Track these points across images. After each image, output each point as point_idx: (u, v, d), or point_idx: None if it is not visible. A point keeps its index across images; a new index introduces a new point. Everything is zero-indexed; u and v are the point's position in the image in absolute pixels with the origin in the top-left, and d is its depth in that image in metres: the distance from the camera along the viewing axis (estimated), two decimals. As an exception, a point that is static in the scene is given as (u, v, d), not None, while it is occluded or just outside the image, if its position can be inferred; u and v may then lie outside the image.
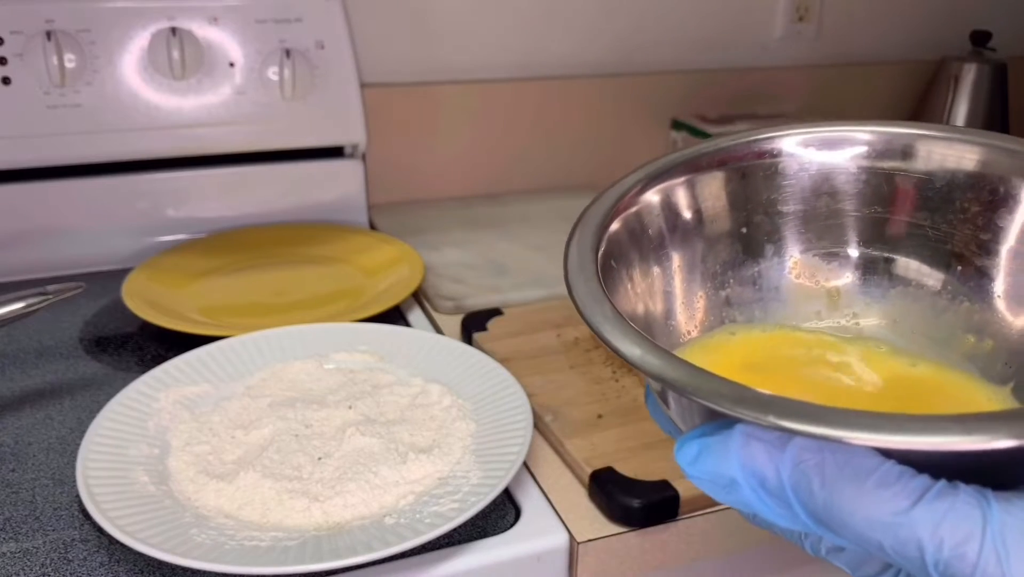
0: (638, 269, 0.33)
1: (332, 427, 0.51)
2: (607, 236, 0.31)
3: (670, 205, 0.35)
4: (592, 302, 0.27)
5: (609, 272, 0.30)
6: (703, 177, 0.35)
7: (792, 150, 0.36)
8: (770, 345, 0.35)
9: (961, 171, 0.34)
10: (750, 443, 0.23)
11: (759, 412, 0.21)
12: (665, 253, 0.35)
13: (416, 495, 0.45)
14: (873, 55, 1.15)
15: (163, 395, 0.53)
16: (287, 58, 0.80)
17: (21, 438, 0.53)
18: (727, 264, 0.36)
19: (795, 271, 0.37)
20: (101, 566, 0.43)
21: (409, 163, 0.95)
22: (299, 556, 0.40)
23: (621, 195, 0.33)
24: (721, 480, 0.24)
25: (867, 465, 0.22)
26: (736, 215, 0.36)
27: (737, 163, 0.36)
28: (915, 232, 0.35)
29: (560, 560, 0.46)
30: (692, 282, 0.35)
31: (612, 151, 1.04)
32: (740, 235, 0.36)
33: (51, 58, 0.73)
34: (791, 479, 0.23)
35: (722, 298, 0.36)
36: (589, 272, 0.29)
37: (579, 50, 1.00)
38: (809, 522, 0.23)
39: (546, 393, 0.56)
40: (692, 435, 0.25)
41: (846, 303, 0.36)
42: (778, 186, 0.36)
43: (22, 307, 0.53)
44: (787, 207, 0.36)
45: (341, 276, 0.76)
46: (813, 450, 0.22)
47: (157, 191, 0.81)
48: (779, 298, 0.36)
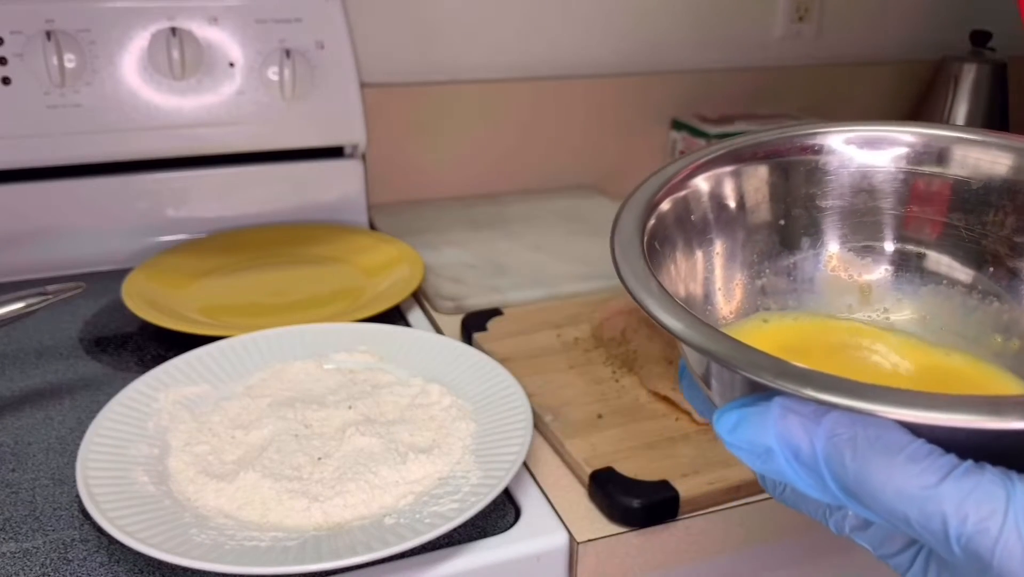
0: (681, 251, 0.34)
1: (332, 427, 0.51)
2: (654, 216, 0.32)
3: (717, 193, 0.36)
4: (638, 278, 0.28)
5: (653, 252, 0.31)
6: (748, 168, 0.36)
7: (835, 147, 0.37)
8: (804, 331, 0.36)
9: (996, 175, 0.34)
10: (787, 415, 0.24)
11: (798, 385, 0.22)
12: (708, 239, 0.35)
13: (416, 495, 0.45)
14: (873, 55, 1.15)
15: (163, 395, 0.53)
16: (287, 58, 0.80)
17: (21, 438, 0.53)
18: (764, 254, 0.37)
19: (830, 264, 0.38)
20: (101, 566, 0.43)
21: (409, 163, 0.95)
22: (299, 556, 0.40)
23: (669, 178, 0.34)
24: (757, 449, 0.25)
25: (898, 441, 0.23)
26: (776, 207, 0.37)
27: (781, 157, 0.37)
28: (949, 232, 0.36)
29: (560, 560, 0.46)
30: (731, 269, 0.36)
31: (612, 151, 1.04)
32: (778, 227, 0.37)
33: (51, 58, 0.73)
34: (824, 451, 0.23)
35: (758, 287, 0.37)
36: (636, 251, 0.30)
37: (579, 50, 1.00)
38: (839, 493, 0.24)
39: (546, 393, 0.56)
40: (731, 405, 0.26)
41: (878, 298, 0.37)
42: (818, 181, 0.37)
43: (22, 307, 0.53)
44: (825, 202, 0.37)
45: (341, 276, 0.76)
46: (847, 424, 0.23)
47: (157, 191, 0.81)
48: (813, 290, 0.37)
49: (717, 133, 0.97)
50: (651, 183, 0.34)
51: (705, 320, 0.35)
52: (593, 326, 0.64)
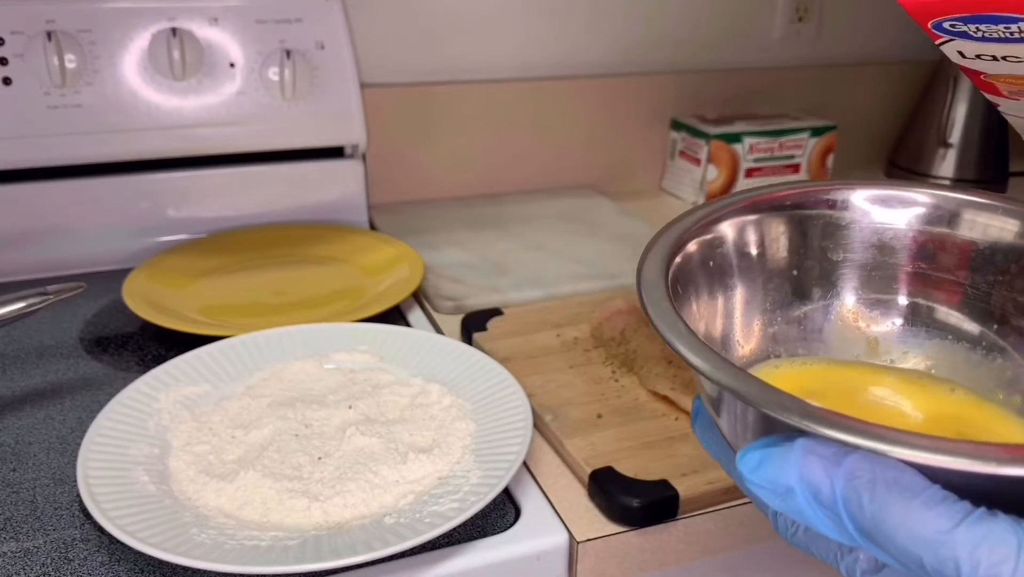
0: (703, 293, 0.36)
1: (332, 427, 0.51)
2: (679, 257, 0.34)
3: (738, 239, 0.37)
4: (666, 320, 0.29)
5: (676, 293, 0.32)
6: (767, 217, 0.38)
7: (852, 203, 0.38)
8: (814, 375, 0.37)
9: (1003, 239, 0.36)
10: (809, 456, 0.25)
11: (823, 426, 0.23)
12: (730, 283, 0.37)
13: (416, 495, 0.45)
14: (873, 55, 1.15)
15: (163, 395, 0.53)
16: (287, 58, 0.80)
17: (21, 438, 0.53)
18: (776, 303, 0.39)
19: (840, 315, 0.39)
20: (101, 566, 0.43)
21: (409, 163, 0.95)
22: (299, 556, 0.40)
23: (694, 223, 0.35)
24: (779, 488, 0.26)
25: (915, 485, 0.23)
26: (791, 258, 0.38)
27: (799, 209, 0.38)
28: (956, 289, 0.37)
29: (560, 560, 0.46)
30: (750, 313, 0.38)
31: (612, 151, 1.04)
32: (791, 276, 0.39)
33: (52, 58, 0.73)
34: (844, 492, 0.24)
35: (769, 334, 0.38)
36: (661, 291, 0.31)
37: (579, 50, 1.00)
38: (856, 534, 0.24)
39: (546, 393, 0.56)
40: (755, 445, 0.27)
41: (885, 349, 0.38)
42: (832, 235, 0.38)
43: (22, 307, 0.53)
44: (838, 256, 0.39)
45: (341, 276, 0.76)
46: (866, 467, 0.24)
47: (157, 191, 0.81)
48: (821, 339, 0.39)
49: (717, 133, 0.97)
50: (676, 227, 0.35)
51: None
52: (593, 326, 0.64)
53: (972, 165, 1.07)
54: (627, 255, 0.81)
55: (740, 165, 1.00)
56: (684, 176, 1.03)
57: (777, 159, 1.01)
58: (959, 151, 1.07)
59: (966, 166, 1.07)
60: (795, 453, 0.25)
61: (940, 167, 1.09)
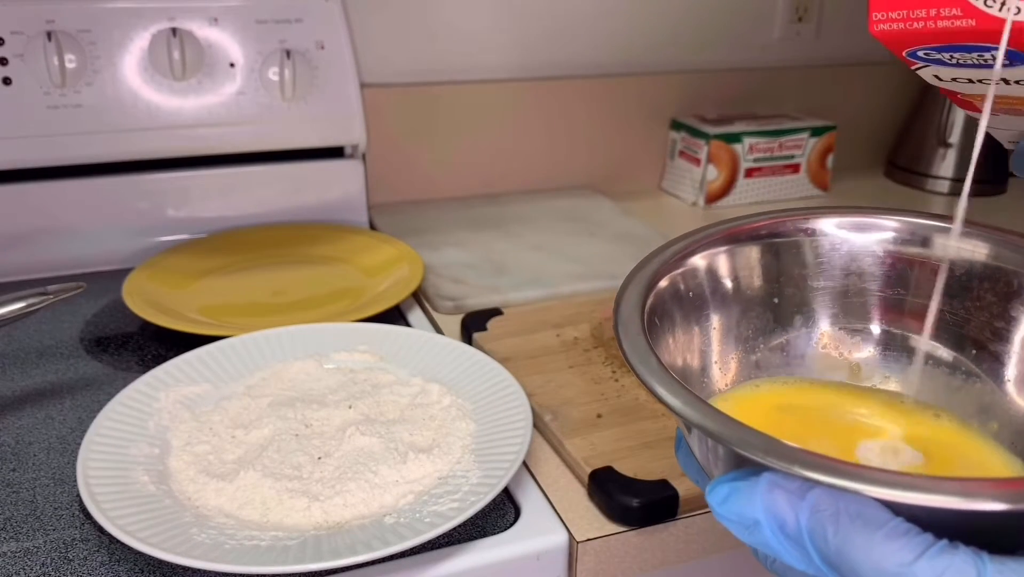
0: (680, 326, 0.36)
1: (332, 427, 0.51)
2: (654, 293, 0.34)
3: (712, 271, 0.38)
4: (639, 355, 0.30)
5: (653, 327, 0.33)
6: (742, 248, 0.38)
7: (826, 230, 0.39)
8: (795, 393, 0.37)
9: (977, 262, 0.36)
10: (774, 490, 0.25)
11: (786, 462, 0.24)
12: (705, 315, 0.37)
13: (416, 495, 0.45)
14: (872, 55, 1.15)
15: (163, 395, 0.53)
16: (287, 58, 0.80)
17: (21, 438, 0.53)
18: (758, 330, 0.39)
19: (821, 342, 0.39)
20: (101, 566, 0.43)
21: (409, 163, 0.95)
22: (299, 555, 0.40)
23: (669, 257, 0.36)
24: (745, 521, 0.26)
25: (878, 519, 0.24)
26: (769, 286, 0.39)
27: (773, 238, 0.39)
28: (934, 315, 0.37)
29: (559, 559, 0.46)
30: (727, 343, 0.38)
31: (612, 151, 1.04)
32: (772, 304, 0.39)
33: (52, 58, 0.73)
34: (808, 525, 0.25)
35: (752, 361, 0.39)
36: (636, 327, 0.31)
37: (579, 50, 1.00)
38: (821, 566, 0.25)
39: (546, 393, 0.56)
40: (723, 479, 0.27)
41: (867, 375, 0.39)
42: (810, 263, 0.39)
43: (22, 307, 0.53)
44: (817, 283, 0.39)
45: (341, 276, 0.76)
46: (830, 501, 0.25)
47: (157, 191, 0.81)
48: (804, 365, 0.39)
49: (717, 133, 0.97)
50: (653, 262, 0.36)
51: (702, 389, 0.36)
52: (593, 326, 0.64)
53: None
54: (627, 255, 0.81)
55: (740, 165, 1.00)
56: (684, 176, 1.03)
57: (777, 159, 1.01)
58: (959, 151, 1.07)
59: (966, 166, 1.07)
60: (760, 487, 0.26)
61: (940, 167, 1.09)
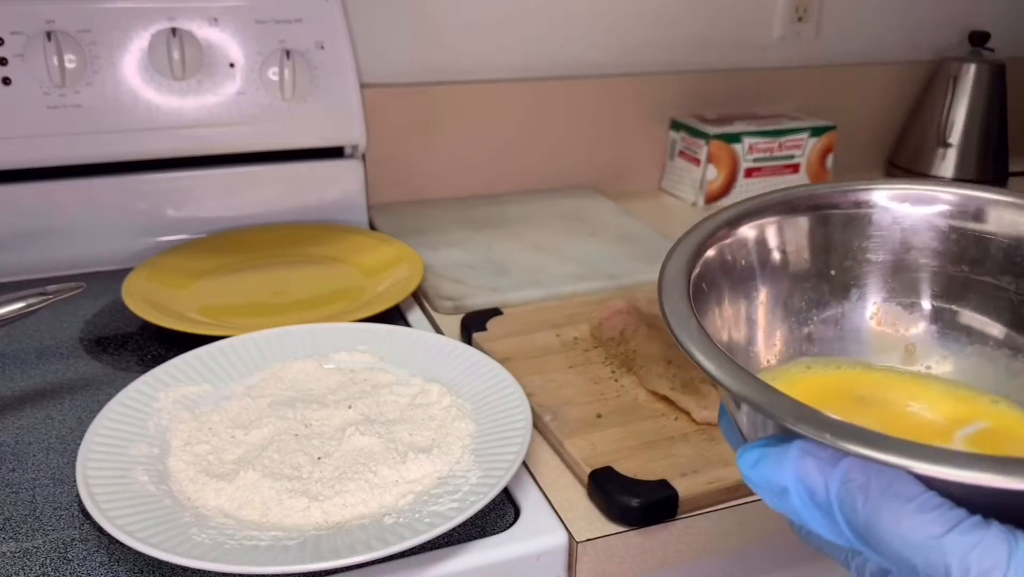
0: (727, 296, 0.35)
1: (332, 427, 0.51)
2: (702, 261, 0.34)
3: (763, 242, 0.37)
4: (680, 318, 0.29)
5: (700, 294, 0.32)
6: (798, 219, 0.38)
7: (885, 203, 0.38)
8: (846, 379, 0.37)
9: None
10: (805, 457, 0.25)
11: (817, 430, 0.23)
12: (754, 285, 0.37)
13: (416, 495, 0.45)
14: (872, 55, 1.15)
15: (163, 395, 0.53)
16: (287, 58, 0.80)
17: (21, 438, 0.53)
18: (812, 302, 0.38)
19: (876, 317, 0.39)
20: (101, 566, 0.43)
21: (409, 163, 0.95)
22: (299, 555, 0.40)
23: (718, 226, 0.35)
24: (774, 487, 0.26)
25: (909, 491, 0.24)
26: (826, 258, 0.38)
27: (832, 209, 0.38)
28: (996, 293, 0.36)
29: (559, 559, 0.46)
30: (775, 316, 0.37)
31: (612, 151, 1.04)
32: (828, 277, 0.38)
33: (51, 58, 0.73)
34: (838, 494, 0.25)
35: (804, 334, 0.38)
36: (681, 291, 0.31)
37: (578, 50, 1.00)
38: (850, 536, 0.25)
39: (545, 393, 0.56)
40: (755, 444, 0.27)
41: (923, 354, 0.38)
42: (869, 235, 0.38)
43: (22, 307, 0.53)
44: (876, 256, 0.38)
45: (341, 276, 0.76)
46: (861, 471, 0.24)
47: (157, 191, 0.81)
48: (859, 340, 0.38)
49: (716, 133, 0.97)
50: (703, 227, 0.35)
51: (747, 362, 0.35)
52: (592, 326, 0.64)
53: (972, 165, 1.07)
54: (627, 255, 0.81)
55: (740, 165, 1.00)
56: (684, 176, 1.03)
57: (777, 159, 1.01)
58: (959, 151, 1.07)
59: (966, 166, 1.07)
60: (791, 454, 0.25)
61: (940, 167, 1.09)
